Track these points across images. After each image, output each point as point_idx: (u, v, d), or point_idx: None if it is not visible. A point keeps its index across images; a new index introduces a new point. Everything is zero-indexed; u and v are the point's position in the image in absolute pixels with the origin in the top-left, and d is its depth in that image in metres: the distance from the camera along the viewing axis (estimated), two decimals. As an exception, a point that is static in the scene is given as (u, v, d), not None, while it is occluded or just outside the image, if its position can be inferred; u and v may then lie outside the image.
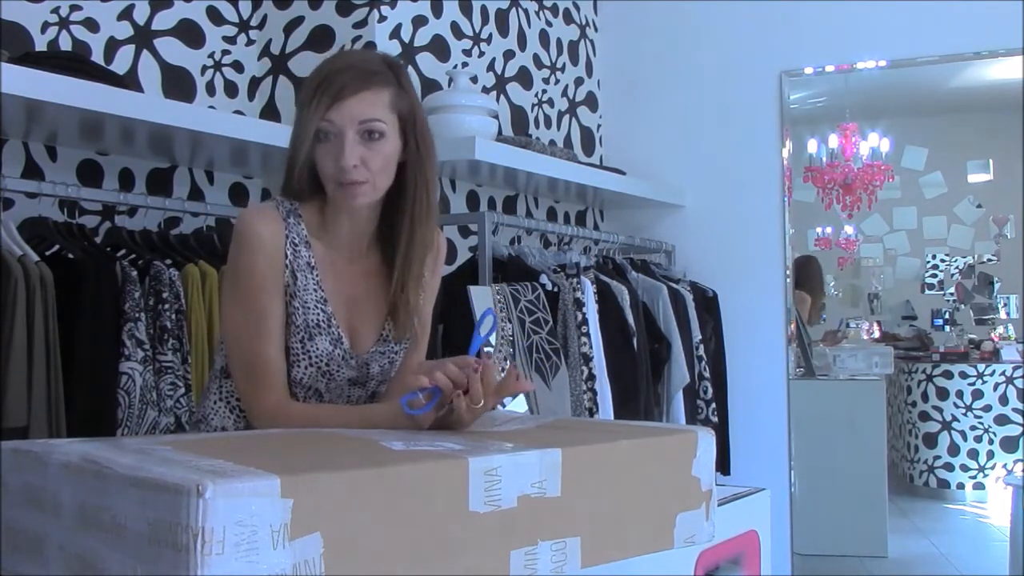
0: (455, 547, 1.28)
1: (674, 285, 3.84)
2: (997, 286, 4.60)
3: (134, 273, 2.42)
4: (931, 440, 4.67)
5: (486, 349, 2.89)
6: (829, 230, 4.71)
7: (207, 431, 1.86)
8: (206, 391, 1.93)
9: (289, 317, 1.80)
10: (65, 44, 2.72)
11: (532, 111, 4.01)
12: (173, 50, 3.01)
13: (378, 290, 1.89)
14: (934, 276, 4.66)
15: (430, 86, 3.38)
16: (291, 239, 1.80)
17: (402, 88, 1.82)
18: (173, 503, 1.09)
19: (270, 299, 1.78)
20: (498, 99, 3.75)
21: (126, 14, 2.88)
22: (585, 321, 3.18)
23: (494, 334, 1.62)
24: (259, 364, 1.77)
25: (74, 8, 2.74)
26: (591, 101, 4.47)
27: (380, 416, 1.70)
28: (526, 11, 3.99)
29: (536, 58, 4.05)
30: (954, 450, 4.63)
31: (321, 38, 3.26)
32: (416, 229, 1.85)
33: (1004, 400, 4.56)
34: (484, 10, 3.72)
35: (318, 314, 1.81)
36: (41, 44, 2.66)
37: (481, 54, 3.70)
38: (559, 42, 4.22)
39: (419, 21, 3.37)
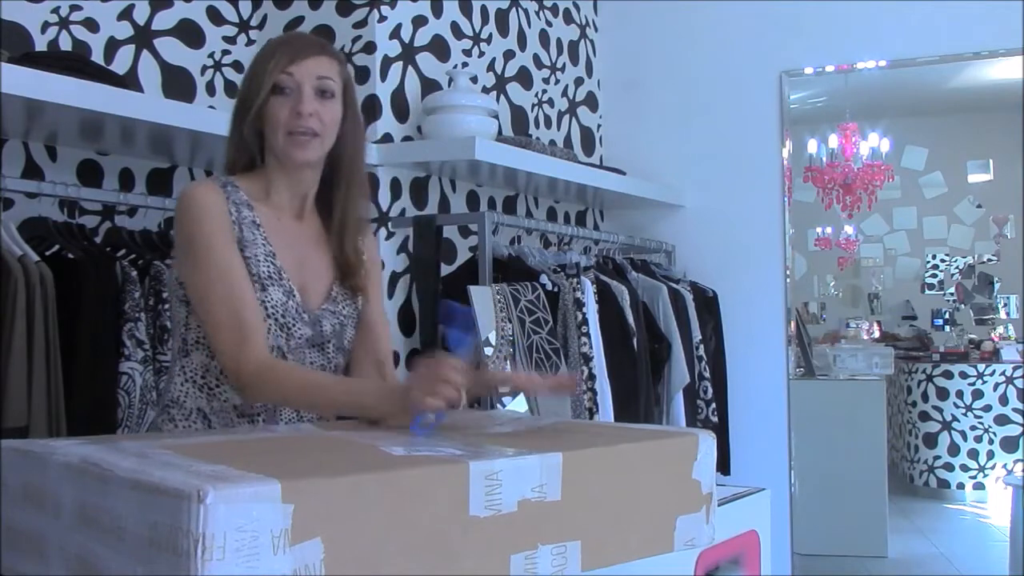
0: (455, 551, 1.28)
1: (674, 285, 3.84)
2: (997, 286, 4.61)
3: (134, 273, 2.42)
4: (931, 440, 4.68)
5: (486, 349, 2.90)
6: (829, 230, 4.72)
7: (182, 414, 1.87)
8: (170, 376, 1.93)
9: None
10: (65, 44, 2.71)
11: (532, 111, 4.01)
12: (173, 50, 3.01)
13: (323, 254, 1.97)
14: (934, 276, 4.67)
15: (430, 86, 3.38)
16: (233, 201, 1.86)
17: (341, 62, 1.96)
18: (174, 507, 1.09)
19: (231, 253, 1.82)
20: (498, 99, 3.75)
21: (126, 14, 2.88)
22: (585, 321, 3.18)
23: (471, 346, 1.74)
24: (236, 317, 1.78)
25: (74, 8, 2.74)
26: (591, 101, 4.47)
27: (369, 393, 1.75)
28: (526, 11, 3.99)
29: (536, 58, 4.04)
30: (954, 450, 4.64)
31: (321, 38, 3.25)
32: (351, 191, 1.98)
33: (1004, 400, 4.57)
34: (484, 10, 3.71)
35: (268, 266, 1.86)
36: (41, 44, 2.65)
37: (481, 54, 3.69)
38: (559, 42, 4.22)
39: (419, 21, 3.36)
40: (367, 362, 2.02)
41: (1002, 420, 4.55)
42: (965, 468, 4.62)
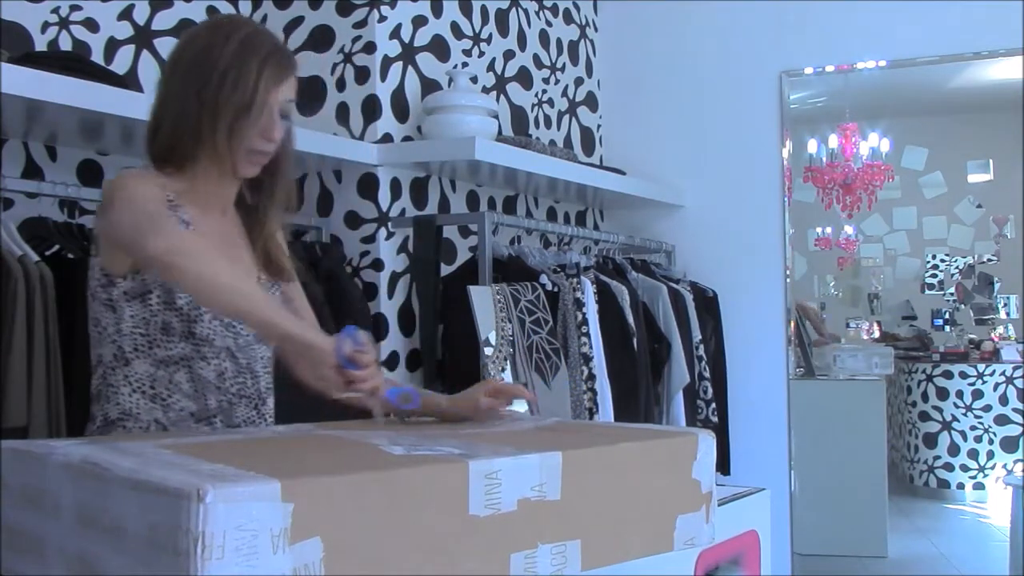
0: (455, 551, 1.28)
1: (674, 285, 3.84)
2: (997, 286, 4.60)
3: (134, 273, 2.41)
4: (931, 440, 4.67)
5: (485, 349, 2.90)
6: (829, 230, 4.71)
7: (139, 427, 1.79)
8: (106, 389, 1.82)
9: None
10: (65, 44, 2.72)
11: (532, 111, 4.01)
12: (173, 50, 3.01)
13: (245, 247, 1.94)
14: (934, 276, 4.66)
15: (430, 86, 3.38)
16: (166, 196, 1.80)
17: None
18: (174, 507, 1.09)
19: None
20: (498, 99, 3.75)
21: (126, 14, 2.88)
22: (585, 321, 3.18)
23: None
24: (160, 212, 1.71)
25: (74, 8, 2.74)
26: (591, 101, 4.47)
27: (308, 331, 1.65)
28: (526, 11, 3.99)
29: (536, 58, 4.04)
30: (954, 450, 4.63)
31: (321, 38, 3.26)
32: (278, 189, 1.94)
33: (1004, 400, 4.56)
34: (484, 10, 3.71)
35: None
36: (41, 44, 2.66)
37: (481, 54, 3.69)
38: (559, 42, 4.22)
39: (419, 21, 3.37)
40: None
41: (1002, 420, 4.54)
42: (965, 468, 4.62)
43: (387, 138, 3.21)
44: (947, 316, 4.68)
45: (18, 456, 1.45)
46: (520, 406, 2.92)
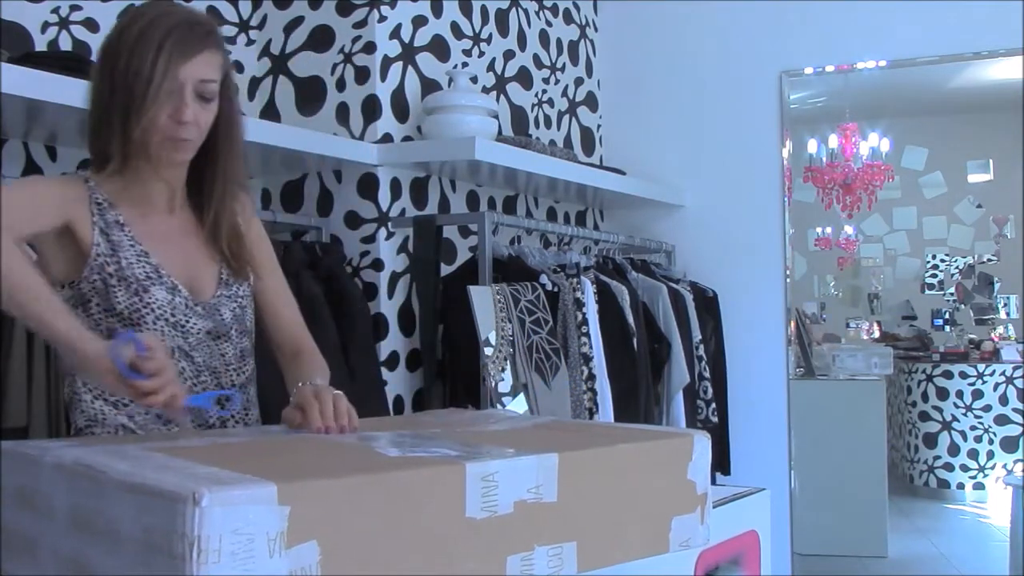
0: (452, 553, 1.28)
1: (674, 285, 3.84)
2: (997, 286, 4.60)
3: (133, 274, 2.41)
4: (931, 440, 4.67)
5: (485, 349, 2.90)
6: (829, 230, 4.71)
7: (107, 432, 1.78)
8: (73, 397, 1.81)
9: (117, 275, 1.75)
10: (65, 44, 2.72)
11: (532, 111, 4.00)
12: (173, 50, 3.01)
13: (202, 242, 1.89)
14: (934, 276, 4.66)
15: (430, 86, 3.38)
16: (94, 199, 1.78)
17: (224, 50, 1.83)
18: (169, 510, 1.09)
19: (35, 218, 1.69)
20: (498, 99, 3.75)
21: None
22: (585, 321, 3.18)
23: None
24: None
25: (74, 8, 2.74)
26: (591, 101, 4.46)
27: (89, 339, 1.58)
28: (526, 11, 3.99)
29: (536, 58, 4.04)
30: (954, 450, 4.63)
31: (321, 38, 3.26)
32: (227, 179, 1.87)
33: (1004, 400, 4.56)
34: (484, 10, 3.71)
35: (143, 267, 1.78)
36: (41, 44, 2.66)
37: (481, 54, 3.69)
38: (559, 42, 4.22)
39: (419, 21, 3.37)
40: (281, 356, 1.96)
41: (1002, 420, 4.55)
42: (965, 468, 4.62)
43: (387, 138, 3.21)
44: (947, 316, 4.68)
45: (14, 456, 1.45)
46: (519, 406, 2.92)
